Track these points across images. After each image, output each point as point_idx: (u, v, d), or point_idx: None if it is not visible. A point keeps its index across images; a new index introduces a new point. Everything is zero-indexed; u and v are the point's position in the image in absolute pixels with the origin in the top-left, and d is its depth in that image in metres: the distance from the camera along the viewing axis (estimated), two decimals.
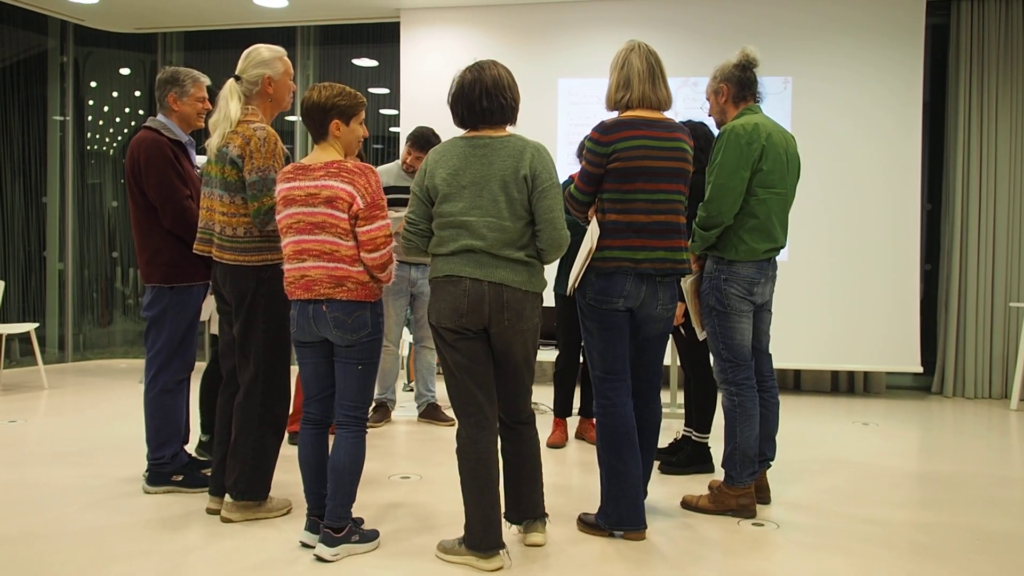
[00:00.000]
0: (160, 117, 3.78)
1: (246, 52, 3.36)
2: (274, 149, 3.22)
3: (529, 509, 3.06)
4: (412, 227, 2.93)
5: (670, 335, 3.40)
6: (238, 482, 3.29)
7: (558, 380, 4.85)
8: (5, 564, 2.87)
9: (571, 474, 4.23)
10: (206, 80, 3.83)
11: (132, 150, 3.70)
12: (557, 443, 4.74)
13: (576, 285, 3.22)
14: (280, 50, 3.41)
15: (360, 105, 3.03)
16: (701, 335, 3.65)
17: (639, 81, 3.15)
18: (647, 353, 3.29)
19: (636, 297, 3.12)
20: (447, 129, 2.96)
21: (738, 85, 3.50)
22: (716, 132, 3.72)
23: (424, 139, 5.10)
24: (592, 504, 3.34)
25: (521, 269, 2.84)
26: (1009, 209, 6.77)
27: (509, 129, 2.94)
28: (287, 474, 3.89)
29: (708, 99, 3.61)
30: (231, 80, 3.30)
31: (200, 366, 4.03)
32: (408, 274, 5.17)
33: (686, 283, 3.56)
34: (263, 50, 3.36)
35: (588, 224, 3.22)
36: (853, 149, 6.72)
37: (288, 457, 4.20)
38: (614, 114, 3.24)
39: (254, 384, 3.30)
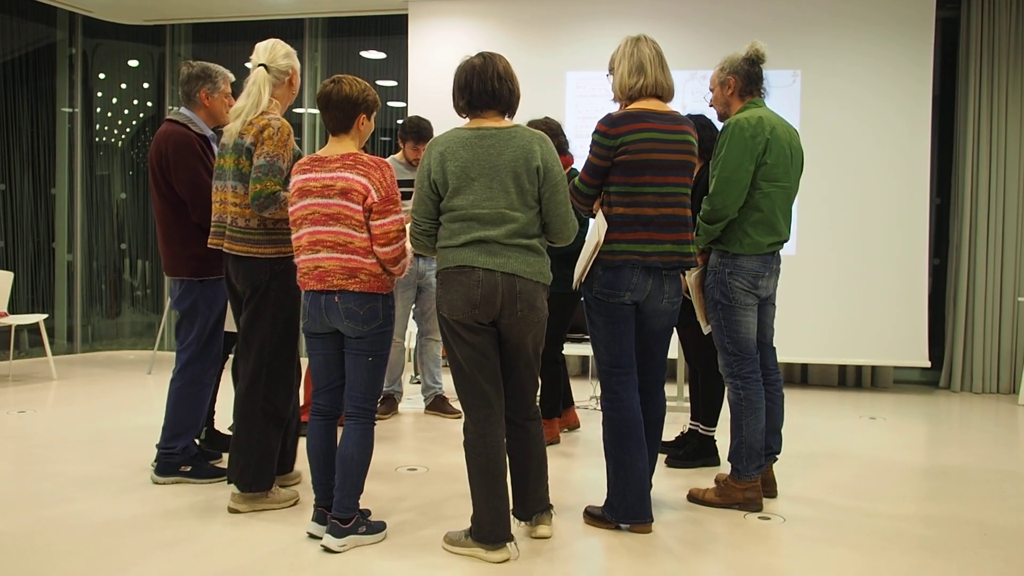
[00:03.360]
0: (184, 110, 3.77)
1: (267, 45, 3.36)
2: (286, 140, 3.25)
3: (536, 504, 3.07)
4: (418, 227, 2.91)
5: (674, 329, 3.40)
6: (244, 475, 3.31)
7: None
8: (12, 555, 2.89)
9: (576, 467, 4.23)
10: (232, 77, 3.85)
11: (159, 143, 3.68)
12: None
13: (583, 279, 3.22)
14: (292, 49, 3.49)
15: (378, 101, 3.10)
16: (706, 329, 3.64)
17: (652, 67, 3.15)
18: (652, 347, 3.28)
19: (643, 290, 3.12)
20: (452, 122, 2.95)
21: (745, 79, 3.49)
22: (717, 122, 3.73)
23: (423, 130, 5.13)
24: (598, 497, 3.34)
25: (532, 260, 2.85)
26: (1018, 204, 6.74)
27: (509, 120, 2.95)
28: (295, 466, 3.91)
29: (712, 89, 3.61)
30: (261, 69, 3.30)
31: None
32: (416, 266, 5.18)
33: (691, 277, 3.56)
34: (280, 44, 3.39)
35: (592, 217, 3.21)
36: (862, 143, 6.70)
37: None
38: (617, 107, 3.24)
39: (258, 376, 3.31)
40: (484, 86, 2.86)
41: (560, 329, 4.60)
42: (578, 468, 4.21)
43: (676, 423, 4.84)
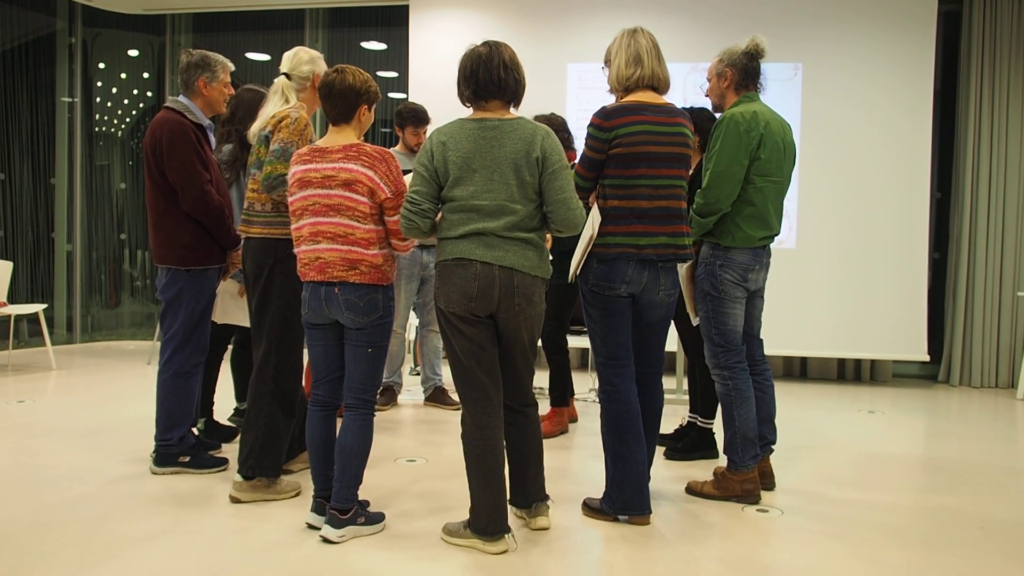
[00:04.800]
0: (182, 98, 3.77)
1: (290, 53, 3.49)
2: (302, 130, 3.32)
3: (535, 492, 3.08)
4: (415, 206, 2.82)
5: (672, 321, 3.40)
6: (248, 458, 3.33)
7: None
8: (10, 543, 2.89)
9: (574, 459, 4.24)
10: (231, 66, 3.87)
11: (154, 130, 3.69)
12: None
13: (578, 271, 3.21)
14: (318, 53, 3.55)
15: (379, 93, 3.11)
16: (695, 320, 3.65)
17: (649, 58, 3.15)
18: (650, 339, 3.29)
19: (638, 283, 3.12)
20: (453, 114, 2.94)
21: (743, 72, 3.50)
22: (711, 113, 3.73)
23: (420, 112, 5.20)
24: (596, 489, 3.35)
25: (531, 253, 2.84)
26: (1019, 199, 6.73)
27: (514, 112, 2.93)
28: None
29: (709, 79, 3.62)
30: (282, 77, 3.43)
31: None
32: (420, 258, 5.17)
33: (682, 268, 3.56)
34: (304, 51, 3.51)
35: (589, 210, 3.21)
36: (863, 136, 6.68)
37: None
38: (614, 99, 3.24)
39: (267, 360, 3.36)
40: (490, 75, 2.83)
41: (563, 318, 4.62)
42: (576, 460, 4.21)
43: (675, 415, 4.84)
